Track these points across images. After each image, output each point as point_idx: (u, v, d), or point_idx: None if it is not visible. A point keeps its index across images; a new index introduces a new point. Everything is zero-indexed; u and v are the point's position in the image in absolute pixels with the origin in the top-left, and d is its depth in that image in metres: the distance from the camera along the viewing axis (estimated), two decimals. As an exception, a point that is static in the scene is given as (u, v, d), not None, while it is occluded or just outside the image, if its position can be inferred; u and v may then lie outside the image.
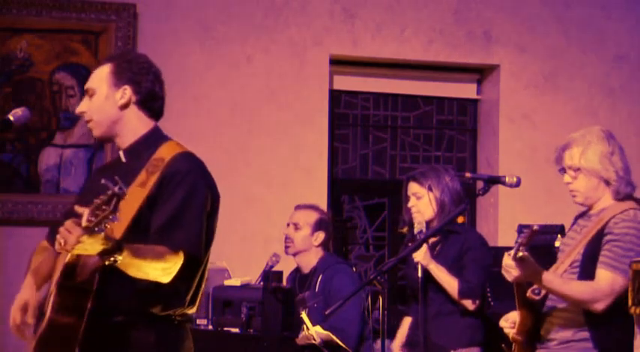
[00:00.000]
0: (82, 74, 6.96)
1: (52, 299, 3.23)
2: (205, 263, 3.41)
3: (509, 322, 4.29)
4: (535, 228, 3.94)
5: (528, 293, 4.21)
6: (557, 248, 4.42)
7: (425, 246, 5.00)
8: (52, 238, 3.47)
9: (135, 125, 3.47)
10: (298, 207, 5.87)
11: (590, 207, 4.31)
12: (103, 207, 2.91)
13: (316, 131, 7.36)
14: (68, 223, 2.97)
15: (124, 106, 3.44)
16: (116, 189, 2.90)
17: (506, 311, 5.57)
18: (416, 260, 4.98)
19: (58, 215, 6.80)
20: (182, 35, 7.11)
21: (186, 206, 3.30)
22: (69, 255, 3.18)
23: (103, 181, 2.94)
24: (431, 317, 5.05)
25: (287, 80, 7.31)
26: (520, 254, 3.91)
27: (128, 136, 3.47)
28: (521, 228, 6.21)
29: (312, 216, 5.77)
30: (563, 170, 4.31)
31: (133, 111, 3.46)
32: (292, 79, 7.32)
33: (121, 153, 3.50)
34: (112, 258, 3.07)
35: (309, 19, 7.38)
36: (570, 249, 4.22)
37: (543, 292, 4.17)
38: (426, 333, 5.05)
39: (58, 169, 6.93)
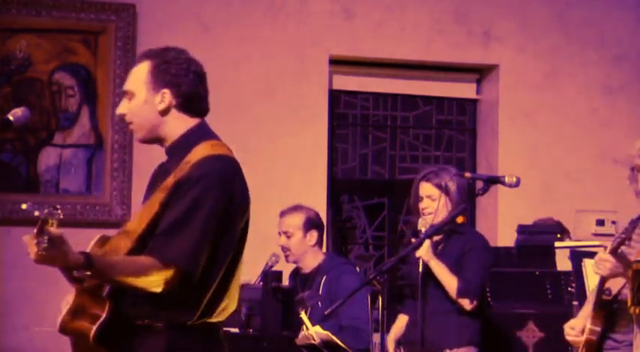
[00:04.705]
0: (82, 74, 6.96)
1: (70, 302, 3.23)
2: (221, 276, 3.26)
3: (577, 330, 4.29)
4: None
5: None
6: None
7: (428, 242, 5.00)
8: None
9: (177, 127, 3.35)
10: (283, 214, 5.83)
11: None
12: (36, 230, 2.95)
13: (316, 131, 7.36)
14: (26, 236, 3.01)
15: (164, 111, 3.33)
16: (36, 213, 2.93)
17: (506, 311, 5.58)
18: (418, 255, 4.99)
19: (57, 215, 6.80)
20: (182, 35, 7.11)
21: (188, 217, 3.18)
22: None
23: (25, 205, 2.97)
24: (428, 315, 5.05)
25: (287, 80, 7.31)
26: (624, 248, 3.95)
27: (172, 137, 3.36)
28: (521, 229, 6.22)
29: (300, 219, 5.75)
30: (637, 168, 4.24)
31: (174, 115, 3.34)
32: (292, 79, 7.32)
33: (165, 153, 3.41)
34: (80, 273, 3.08)
35: (309, 18, 7.38)
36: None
37: (614, 292, 4.19)
38: (422, 331, 5.06)
39: (57, 169, 6.93)
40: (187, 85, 3.36)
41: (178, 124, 3.35)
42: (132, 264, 3.16)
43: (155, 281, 3.14)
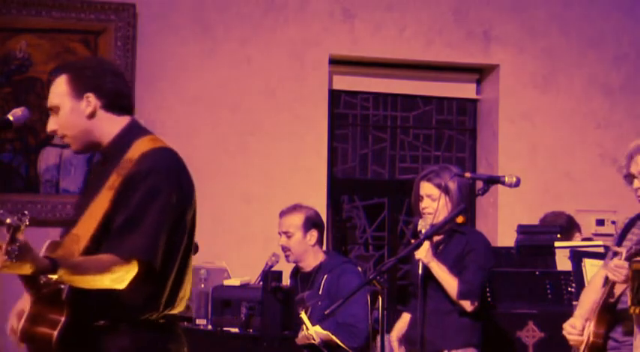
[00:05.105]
0: (82, 74, 6.96)
1: (27, 309, 3.22)
2: (177, 265, 3.29)
3: (578, 330, 4.28)
4: None
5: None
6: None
7: (427, 243, 4.99)
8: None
9: (109, 128, 3.38)
10: (282, 214, 5.82)
11: None
12: (8, 238, 2.92)
13: (316, 131, 7.36)
14: None
15: (92, 115, 3.37)
16: (8, 220, 2.89)
17: (506, 312, 5.56)
18: (417, 257, 4.98)
19: (57, 215, 6.81)
20: (182, 35, 7.11)
21: (142, 210, 3.19)
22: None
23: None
24: (428, 315, 5.04)
25: (287, 80, 7.32)
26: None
27: (107, 139, 3.39)
28: (521, 229, 6.22)
29: (299, 219, 5.74)
30: (630, 176, 4.22)
31: (102, 116, 3.37)
32: (292, 79, 7.32)
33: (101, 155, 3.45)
34: (46, 277, 3.08)
35: (309, 19, 7.38)
36: None
37: (617, 294, 4.20)
38: (422, 331, 5.05)
39: (57, 169, 6.93)
40: (108, 83, 3.38)
41: (109, 125, 3.38)
42: (95, 263, 3.16)
43: (119, 278, 3.16)
